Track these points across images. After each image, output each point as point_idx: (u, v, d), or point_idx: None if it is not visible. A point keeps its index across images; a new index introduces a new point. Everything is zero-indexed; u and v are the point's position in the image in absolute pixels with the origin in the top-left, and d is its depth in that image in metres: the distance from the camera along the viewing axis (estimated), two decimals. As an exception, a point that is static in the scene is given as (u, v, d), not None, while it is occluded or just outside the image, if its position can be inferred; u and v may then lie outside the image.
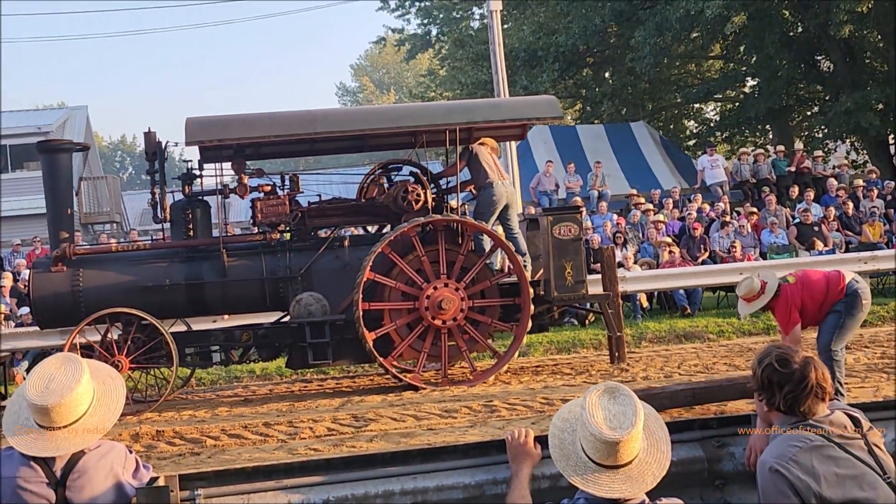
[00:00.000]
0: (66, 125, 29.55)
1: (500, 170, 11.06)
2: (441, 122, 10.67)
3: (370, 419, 8.95)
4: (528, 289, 10.46)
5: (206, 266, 10.65)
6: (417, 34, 33.50)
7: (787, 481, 3.05)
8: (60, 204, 10.52)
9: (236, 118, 10.65)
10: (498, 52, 19.76)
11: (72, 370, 3.26)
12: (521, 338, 10.69)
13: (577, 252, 10.62)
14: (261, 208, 10.54)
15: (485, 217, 10.76)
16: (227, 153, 10.80)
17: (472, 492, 3.59)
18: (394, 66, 66.14)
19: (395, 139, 11.86)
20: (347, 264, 10.64)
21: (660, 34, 24.78)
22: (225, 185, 10.69)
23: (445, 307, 10.31)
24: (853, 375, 9.44)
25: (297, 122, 10.63)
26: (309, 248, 10.80)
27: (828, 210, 17.86)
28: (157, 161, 10.58)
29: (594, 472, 2.99)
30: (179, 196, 10.88)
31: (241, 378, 12.40)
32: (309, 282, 10.63)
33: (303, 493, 3.49)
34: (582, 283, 10.62)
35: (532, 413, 8.75)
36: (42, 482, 3.20)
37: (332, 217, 11.22)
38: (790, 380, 3.18)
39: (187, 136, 10.07)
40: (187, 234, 10.70)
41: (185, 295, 10.61)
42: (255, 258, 10.70)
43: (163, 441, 8.74)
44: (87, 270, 10.47)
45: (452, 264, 10.47)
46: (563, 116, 11.27)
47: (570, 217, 10.74)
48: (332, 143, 11.78)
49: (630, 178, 22.27)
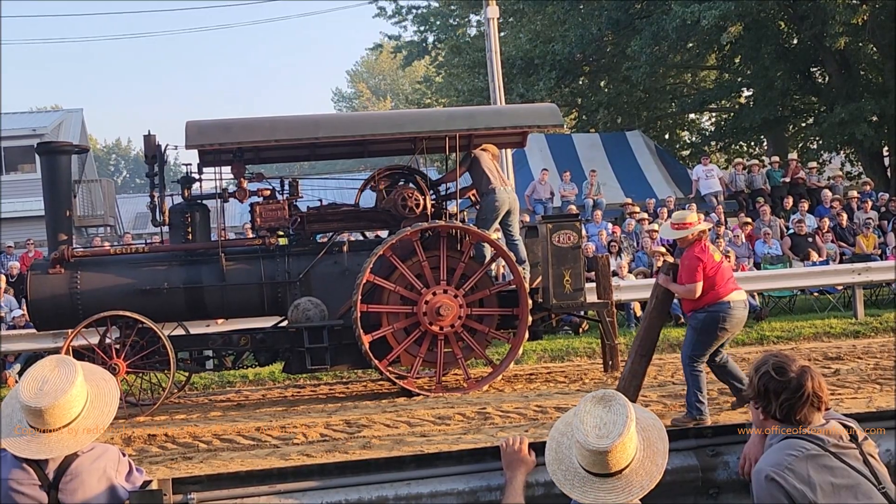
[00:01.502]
0: (61, 128, 29.51)
1: (501, 176, 11.06)
2: (443, 128, 10.69)
3: (363, 425, 8.94)
4: (527, 299, 10.47)
5: (204, 270, 10.64)
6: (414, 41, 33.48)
7: (783, 490, 3.05)
8: (59, 206, 10.49)
9: (237, 122, 10.65)
10: (495, 59, 19.79)
11: (66, 372, 3.24)
12: (518, 348, 10.70)
13: (575, 260, 10.63)
14: (260, 213, 10.54)
15: (487, 223, 10.77)
16: (226, 157, 10.79)
17: (466, 498, 3.58)
18: (390, 72, 66.17)
19: (395, 145, 11.87)
20: (346, 269, 10.64)
21: (656, 43, 24.84)
22: (224, 189, 10.69)
23: (443, 313, 10.31)
24: (846, 386, 9.47)
25: (298, 127, 10.64)
26: (308, 252, 10.79)
27: (822, 221, 17.90)
28: (157, 164, 10.57)
29: (583, 480, 2.98)
30: (178, 199, 10.87)
31: (234, 383, 12.37)
32: (307, 287, 10.63)
33: (296, 498, 3.47)
34: (581, 290, 10.63)
35: (525, 421, 8.75)
36: (35, 484, 3.18)
37: (332, 222, 11.22)
38: (787, 388, 3.18)
39: (188, 139, 10.06)
40: (186, 237, 10.68)
41: (183, 299, 10.59)
42: (254, 262, 10.70)
43: (155, 445, 8.73)
44: (85, 273, 10.45)
45: (453, 271, 10.47)
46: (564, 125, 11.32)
47: (570, 225, 10.76)
48: (333, 148, 11.79)
49: (625, 187, 22.32)
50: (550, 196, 20.60)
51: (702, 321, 7.89)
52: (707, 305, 7.85)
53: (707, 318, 7.85)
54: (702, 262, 7.84)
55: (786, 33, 25.38)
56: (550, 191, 20.68)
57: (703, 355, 7.97)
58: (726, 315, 7.85)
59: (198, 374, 11.91)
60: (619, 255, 16.07)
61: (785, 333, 13.46)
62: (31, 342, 12.28)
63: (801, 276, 15.13)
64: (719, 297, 7.84)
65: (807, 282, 15.18)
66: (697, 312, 7.94)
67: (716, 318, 7.84)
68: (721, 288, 7.87)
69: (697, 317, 7.94)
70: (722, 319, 7.84)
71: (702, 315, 7.89)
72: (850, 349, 12.06)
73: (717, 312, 7.83)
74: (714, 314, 7.84)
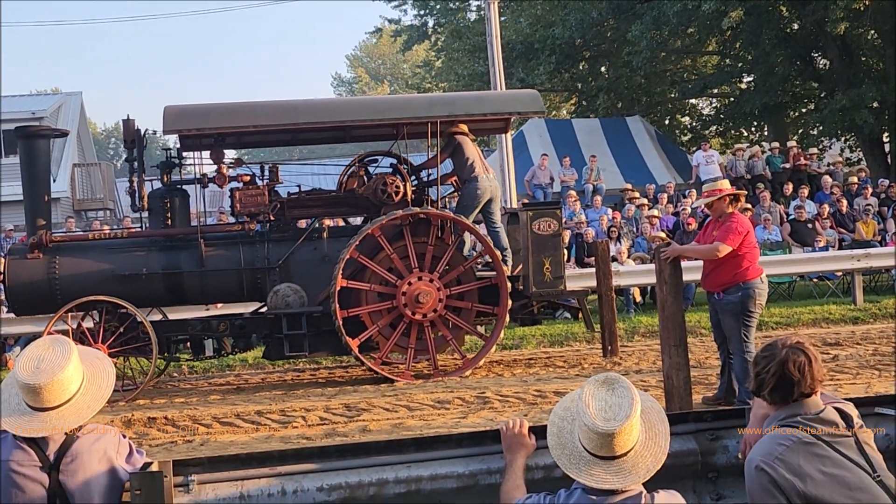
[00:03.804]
0: (60, 111, 29.46)
1: (484, 163, 11.00)
2: (423, 114, 10.61)
3: (362, 409, 8.96)
4: (502, 267, 10.41)
5: (183, 255, 10.58)
6: (414, 25, 33.36)
7: (773, 480, 3.06)
8: (37, 190, 10.43)
9: (216, 107, 10.54)
10: (495, 43, 19.72)
11: (61, 350, 3.25)
12: (504, 316, 10.53)
13: (556, 248, 10.59)
14: (240, 198, 10.45)
15: (468, 211, 10.68)
16: (207, 142, 10.73)
17: (465, 481, 3.59)
18: (390, 56, 65.95)
19: (377, 130, 11.81)
20: (326, 256, 10.58)
21: (656, 28, 24.77)
22: (204, 174, 10.61)
23: (423, 300, 10.26)
24: (845, 372, 9.49)
25: (278, 112, 10.56)
26: (287, 238, 10.73)
27: (822, 207, 17.90)
28: (136, 149, 10.50)
29: (589, 463, 2.99)
30: (158, 185, 10.81)
31: (234, 367, 12.39)
32: (287, 273, 10.57)
33: (296, 481, 3.48)
34: (560, 278, 10.60)
35: (524, 405, 8.77)
36: (35, 465, 3.19)
37: (312, 208, 11.16)
38: (772, 361, 3.19)
39: (165, 124, 10.01)
40: (165, 222, 10.63)
41: (162, 284, 10.54)
42: (234, 248, 10.63)
43: (154, 428, 8.75)
44: (64, 258, 10.39)
45: (423, 256, 10.42)
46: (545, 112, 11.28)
47: (550, 212, 10.70)
48: (314, 133, 11.72)
49: (625, 173, 22.31)
50: (550, 181, 20.58)
51: (738, 302, 7.80)
52: (742, 283, 7.80)
53: (743, 296, 7.78)
54: (743, 229, 7.78)
55: (787, 18, 25.30)
56: (550, 176, 20.66)
57: (753, 335, 7.90)
58: (761, 291, 7.86)
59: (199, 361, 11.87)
60: (619, 241, 16.06)
61: (784, 319, 13.47)
62: (32, 325, 12.26)
63: (800, 262, 15.14)
64: (751, 277, 7.81)
65: (806, 268, 15.19)
66: (730, 293, 7.82)
67: (751, 294, 7.79)
68: (753, 266, 7.85)
69: (730, 299, 7.83)
70: (758, 295, 7.83)
71: (737, 295, 7.80)
72: (849, 335, 12.08)
73: (750, 289, 7.79)
74: (748, 290, 7.78)
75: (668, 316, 7.65)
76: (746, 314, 7.82)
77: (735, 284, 7.81)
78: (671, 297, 7.69)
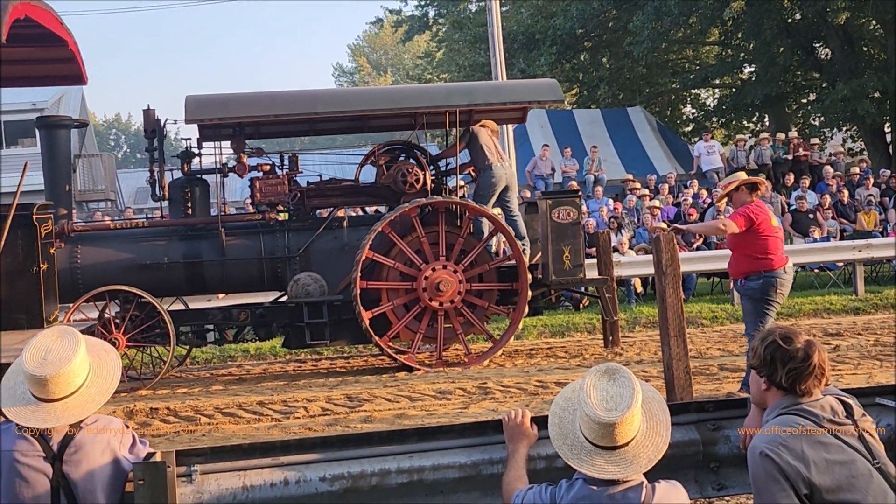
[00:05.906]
0: (61, 102, 29.40)
1: (499, 151, 11.06)
2: (442, 104, 10.66)
3: (364, 399, 8.97)
4: (527, 274, 10.48)
5: (204, 245, 10.65)
6: (415, 15, 33.30)
7: (777, 466, 3.05)
8: (59, 180, 10.47)
9: (236, 97, 10.63)
10: (496, 34, 19.69)
11: (69, 342, 3.25)
12: (518, 323, 10.72)
13: (575, 236, 10.63)
14: (260, 188, 10.53)
15: (484, 199, 10.77)
16: (226, 132, 10.79)
17: (468, 471, 3.59)
18: (391, 47, 65.78)
19: (395, 120, 11.84)
20: (346, 245, 10.66)
21: (658, 19, 24.71)
22: (224, 163, 10.69)
23: (443, 289, 10.33)
24: (846, 362, 9.50)
25: (298, 102, 10.64)
26: (307, 228, 10.81)
27: (823, 198, 17.87)
28: (157, 139, 10.57)
29: (590, 453, 2.99)
30: (178, 174, 10.87)
31: (236, 357, 12.41)
32: (307, 262, 10.65)
33: (299, 471, 3.48)
34: (580, 266, 10.64)
35: (526, 396, 8.79)
36: (39, 456, 3.19)
37: (331, 197, 11.22)
38: (793, 357, 3.18)
39: (187, 114, 10.04)
40: (186, 212, 10.70)
41: (183, 273, 10.62)
42: (254, 238, 10.72)
43: (157, 419, 8.77)
44: (85, 247, 10.46)
45: (452, 247, 10.48)
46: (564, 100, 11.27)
47: (569, 201, 10.74)
48: (332, 123, 11.79)
49: (626, 164, 22.27)
50: (551, 172, 20.56)
51: (759, 289, 7.80)
52: (764, 271, 7.80)
53: (764, 284, 7.78)
54: (754, 215, 7.77)
55: (788, 9, 25.25)
56: (551, 167, 20.64)
57: (769, 325, 7.84)
58: (783, 280, 7.84)
59: (199, 348, 11.93)
60: (620, 232, 16.06)
61: (785, 310, 13.45)
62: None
63: (801, 252, 15.13)
64: (774, 266, 7.80)
65: (807, 258, 15.18)
66: (751, 280, 7.84)
67: (773, 282, 7.78)
68: (776, 255, 7.83)
69: (751, 286, 7.83)
70: (780, 285, 7.81)
71: (758, 282, 7.80)
72: (851, 325, 12.09)
73: (772, 278, 7.78)
74: (770, 279, 7.78)
75: (667, 306, 7.64)
76: (766, 301, 7.80)
77: (756, 273, 7.82)
78: (670, 287, 7.66)
